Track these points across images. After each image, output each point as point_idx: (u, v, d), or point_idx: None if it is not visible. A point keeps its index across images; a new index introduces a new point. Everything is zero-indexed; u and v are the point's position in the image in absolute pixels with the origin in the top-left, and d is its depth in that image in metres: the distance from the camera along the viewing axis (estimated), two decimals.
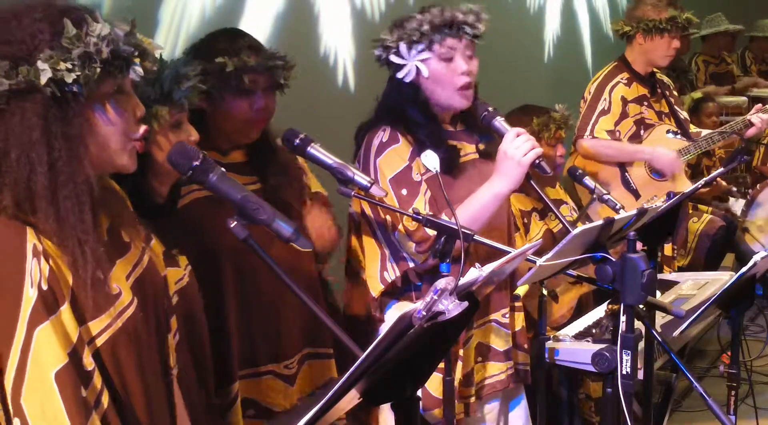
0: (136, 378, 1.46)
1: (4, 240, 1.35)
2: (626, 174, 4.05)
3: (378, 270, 2.38)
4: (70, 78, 1.34)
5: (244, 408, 2.17)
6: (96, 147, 1.42)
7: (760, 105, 4.28)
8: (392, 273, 2.37)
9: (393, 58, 2.38)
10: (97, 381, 1.38)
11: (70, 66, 1.34)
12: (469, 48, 2.40)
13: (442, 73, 2.37)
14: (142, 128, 1.50)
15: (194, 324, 1.82)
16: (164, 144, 1.86)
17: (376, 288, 2.40)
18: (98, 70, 1.37)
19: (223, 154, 2.23)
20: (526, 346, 2.63)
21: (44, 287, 1.34)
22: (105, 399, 1.38)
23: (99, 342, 1.40)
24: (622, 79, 4.05)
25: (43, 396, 1.32)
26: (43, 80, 1.33)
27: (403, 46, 2.36)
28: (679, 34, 4.05)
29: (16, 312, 1.32)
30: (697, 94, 5.37)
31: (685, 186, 4.03)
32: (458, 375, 2.42)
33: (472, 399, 2.49)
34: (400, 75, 2.39)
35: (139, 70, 1.44)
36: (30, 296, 1.33)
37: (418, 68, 2.37)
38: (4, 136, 1.35)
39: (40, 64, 1.33)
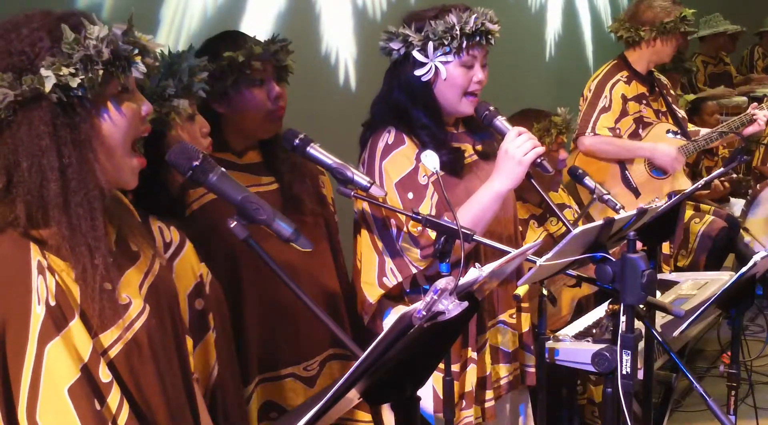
0: (156, 386, 1.45)
1: (9, 258, 1.34)
2: (626, 172, 4.05)
3: (376, 276, 2.37)
4: (74, 82, 1.34)
5: (266, 410, 2.20)
6: (104, 152, 1.41)
7: (755, 103, 4.29)
8: (392, 279, 2.35)
9: (416, 55, 2.35)
10: (116, 393, 1.37)
11: (72, 70, 1.34)
12: (486, 57, 2.41)
13: (459, 78, 2.36)
14: (147, 127, 1.50)
15: (223, 318, 1.84)
16: (184, 136, 1.91)
17: (374, 294, 2.38)
18: (101, 71, 1.36)
19: (238, 155, 2.25)
20: (532, 347, 2.63)
21: (52, 303, 1.33)
22: (125, 411, 1.38)
23: (112, 354, 1.40)
24: (622, 77, 4.06)
25: (59, 413, 1.31)
26: (48, 87, 1.33)
27: (430, 46, 2.34)
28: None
29: (25, 330, 1.32)
30: (690, 97, 5.38)
31: (685, 183, 4.04)
32: (472, 378, 2.42)
33: (492, 403, 2.48)
34: (418, 73, 2.36)
35: (142, 67, 1.43)
36: (38, 313, 1.32)
37: (437, 68, 2.36)
38: (13, 148, 1.35)
39: (43, 71, 1.33)
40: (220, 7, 3.33)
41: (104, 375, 1.37)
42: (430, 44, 2.34)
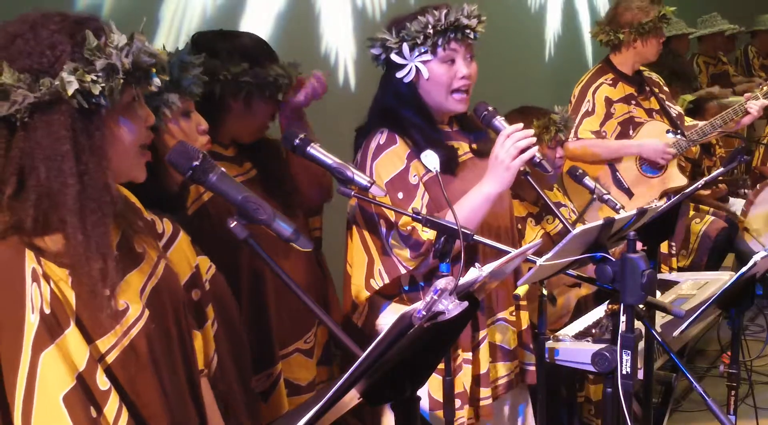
0: (156, 392, 1.45)
1: (3, 266, 1.33)
2: (617, 173, 4.04)
3: (363, 277, 2.38)
4: (96, 90, 1.33)
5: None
6: (116, 158, 1.41)
7: (749, 94, 4.27)
8: (379, 281, 2.36)
9: (394, 58, 2.37)
10: (114, 400, 1.37)
11: (95, 77, 1.33)
12: (469, 51, 2.41)
13: (443, 75, 2.37)
14: (150, 136, 1.50)
15: (227, 311, 1.84)
16: (177, 132, 1.93)
17: (360, 297, 2.40)
18: (121, 81, 1.35)
19: (224, 148, 2.29)
20: (531, 346, 2.63)
21: (47, 311, 1.33)
22: (123, 419, 1.37)
23: (109, 360, 1.39)
24: (606, 80, 4.04)
25: (54, 421, 1.31)
26: (70, 92, 1.31)
27: (405, 47, 2.36)
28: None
29: (19, 338, 1.31)
30: (689, 97, 5.37)
31: (678, 180, 4.03)
32: (465, 379, 2.41)
33: (488, 401, 2.47)
34: (399, 75, 2.38)
35: (157, 80, 1.44)
36: (32, 322, 1.32)
37: (418, 69, 2.37)
38: (29, 151, 1.33)
39: (65, 76, 1.31)
40: (220, 7, 3.33)
41: (101, 382, 1.36)
42: (405, 45, 2.36)
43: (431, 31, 2.33)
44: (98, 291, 1.35)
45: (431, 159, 2.17)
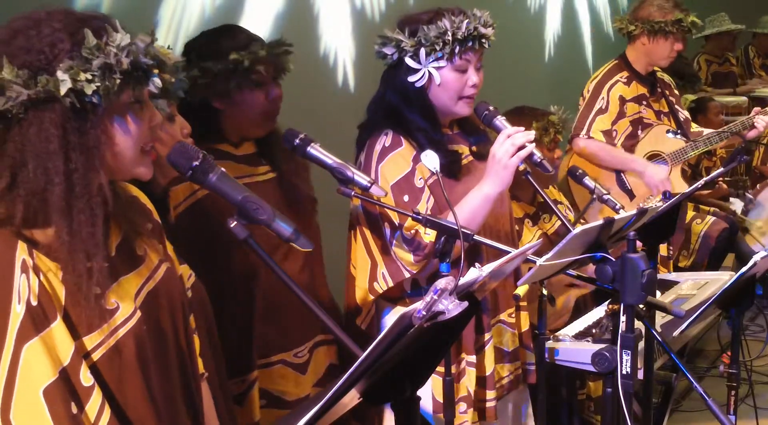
0: (142, 393, 1.44)
1: None
2: (621, 174, 4.03)
3: (367, 280, 2.37)
4: (89, 89, 1.32)
5: (259, 397, 2.23)
6: (112, 157, 1.40)
7: (758, 108, 4.27)
8: (383, 284, 2.35)
9: (409, 61, 2.35)
10: (97, 397, 1.36)
11: (90, 77, 1.32)
12: (480, 59, 2.41)
13: (454, 82, 2.36)
14: (157, 135, 1.49)
15: (207, 319, 1.84)
16: (163, 137, 1.90)
17: (363, 299, 2.39)
18: (118, 81, 1.35)
19: (235, 146, 2.28)
20: (531, 346, 2.62)
21: (33, 303, 1.32)
22: (106, 417, 1.36)
23: (95, 357, 1.38)
24: (621, 77, 4.03)
25: (32, 414, 1.30)
26: (63, 91, 1.31)
27: (422, 52, 2.34)
28: (682, 37, 4.03)
29: (3, 328, 1.31)
30: (692, 97, 5.37)
31: (681, 188, 4.02)
32: (468, 382, 2.41)
33: (493, 403, 2.46)
34: (412, 79, 2.36)
35: (158, 81, 1.42)
36: (17, 312, 1.31)
37: (430, 74, 2.36)
38: (21, 146, 1.33)
39: (60, 75, 1.31)
40: (219, 8, 3.33)
41: (85, 378, 1.35)
42: (422, 50, 2.34)
43: (450, 38, 2.31)
44: (85, 289, 1.35)
45: (431, 159, 2.17)
